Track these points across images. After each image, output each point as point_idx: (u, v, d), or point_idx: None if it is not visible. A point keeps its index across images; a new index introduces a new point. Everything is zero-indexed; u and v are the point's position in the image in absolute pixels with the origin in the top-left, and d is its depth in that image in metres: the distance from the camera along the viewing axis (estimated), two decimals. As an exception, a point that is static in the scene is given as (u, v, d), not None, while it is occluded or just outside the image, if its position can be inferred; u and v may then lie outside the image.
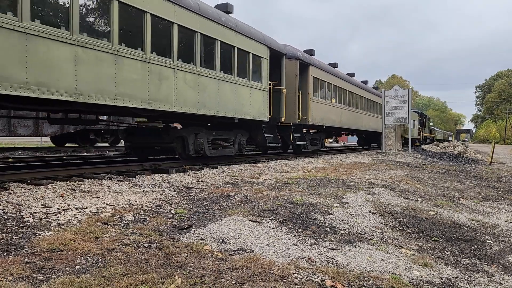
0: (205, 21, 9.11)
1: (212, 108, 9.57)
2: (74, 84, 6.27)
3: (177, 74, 8.45)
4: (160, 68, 7.99)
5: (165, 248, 3.21)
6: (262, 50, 11.60)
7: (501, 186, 9.55)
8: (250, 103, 11.10)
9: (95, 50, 6.57)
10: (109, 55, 6.84)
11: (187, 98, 8.75)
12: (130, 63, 7.30)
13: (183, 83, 8.61)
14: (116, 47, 6.98)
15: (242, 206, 5.04)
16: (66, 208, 4.48)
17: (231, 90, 10.30)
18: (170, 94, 8.26)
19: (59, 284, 2.42)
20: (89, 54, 6.45)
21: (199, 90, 9.10)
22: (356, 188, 6.84)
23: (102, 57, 6.70)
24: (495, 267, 3.68)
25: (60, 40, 6.03)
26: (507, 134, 79.32)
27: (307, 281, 2.78)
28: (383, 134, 21.20)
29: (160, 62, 7.97)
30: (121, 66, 7.10)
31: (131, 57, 7.30)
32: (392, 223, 4.78)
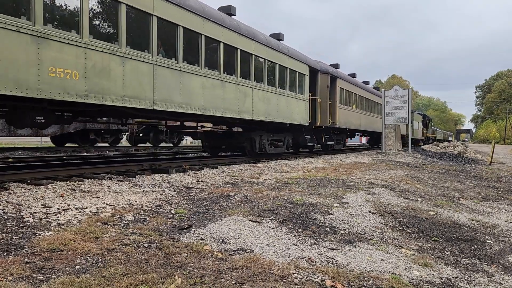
0: (269, 50, 12.24)
1: (274, 116, 12.51)
2: (202, 103, 9.34)
3: (254, 91, 11.44)
4: (245, 88, 10.99)
5: (165, 248, 3.21)
6: (304, 68, 14.59)
7: (501, 186, 9.55)
8: (297, 111, 14.01)
9: (212, 79, 9.63)
10: (219, 81, 9.90)
11: (259, 109, 11.73)
12: (229, 85, 10.33)
13: (257, 98, 11.60)
14: (223, 75, 10.01)
15: (242, 206, 5.04)
16: (66, 208, 4.48)
17: (285, 102, 13.25)
18: (249, 107, 11.23)
19: (59, 284, 2.42)
20: (209, 81, 9.53)
21: (266, 103, 12.12)
22: (356, 188, 6.84)
23: (215, 83, 9.79)
24: (495, 267, 3.68)
25: (195, 73, 9.05)
26: (507, 134, 79.31)
27: (307, 281, 2.78)
28: (383, 134, 21.21)
29: (244, 84, 10.94)
30: (225, 88, 10.14)
31: (229, 82, 10.34)
32: (392, 223, 4.78)
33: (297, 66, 13.90)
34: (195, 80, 9.00)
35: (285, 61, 13.10)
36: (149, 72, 7.78)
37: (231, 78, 10.34)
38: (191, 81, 8.89)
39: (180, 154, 15.46)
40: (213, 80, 9.63)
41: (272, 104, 12.41)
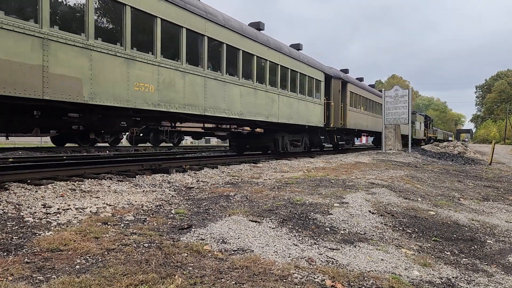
0: (292, 60, 13.75)
1: (295, 119, 13.99)
2: (240, 108, 10.81)
3: (279, 97, 12.96)
4: (272, 95, 12.54)
5: (165, 248, 3.21)
6: (320, 75, 16.13)
7: (501, 186, 9.55)
8: (314, 114, 15.52)
9: (247, 88, 11.18)
10: (252, 89, 11.46)
11: (284, 113, 13.25)
12: (260, 93, 11.84)
13: (282, 104, 13.13)
14: (255, 84, 11.60)
15: (242, 206, 5.04)
16: (66, 208, 4.48)
17: (304, 106, 14.76)
18: (276, 111, 12.76)
19: (59, 284, 2.42)
20: (245, 90, 11.08)
21: (289, 107, 13.63)
22: (356, 188, 6.84)
23: (250, 91, 11.32)
24: (495, 267, 3.68)
25: (235, 83, 10.61)
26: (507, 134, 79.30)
27: (307, 281, 2.78)
28: (383, 134, 21.22)
29: (272, 91, 12.50)
30: (257, 95, 11.66)
31: (260, 89, 11.84)
32: (392, 223, 4.78)
33: (314, 73, 15.54)
34: (235, 89, 10.65)
35: (304, 69, 14.71)
36: (201, 83, 9.33)
37: (261, 86, 11.98)
38: (232, 90, 10.53)
39: (180, 154, 15.48)
40: (248, 88, 11.29)
41: (294, 108, 13.96)
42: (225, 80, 10.15)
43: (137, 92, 7.47)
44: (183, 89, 8.70)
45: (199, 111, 9.19)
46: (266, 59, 12.08)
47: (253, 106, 11.45)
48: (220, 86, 9.93)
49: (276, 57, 12.67)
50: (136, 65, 7.44)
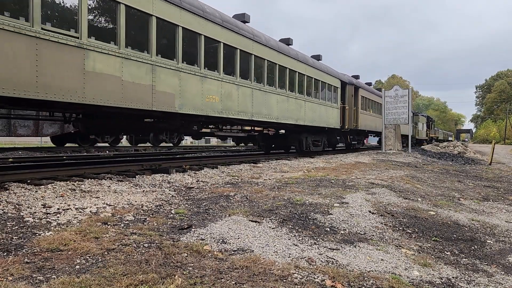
0: (315, 70, 15.92)
1: (317, 122, 16.05)
2: (276, 114, 12.92)
3: (306, 103, 15.05)
4: (300, 101, 14.57)
5: (165, 248, 3.21)
6: (337, 82, 18.23)
7: (501, 186, 9.55)
8: (332, 117, 17.52)
9: (282, 96, 13.23)
10: (285, 97, 13.52)
11: (309, 116, 15.27)
12: (291, 100, 13.89)
13: (307, 108, 15.19)
14: (288, 92, 13.62)
15: (242, 206, 5.04)
16: (66, 208, 4.48)
17: (324, 110, 16.81)
18: (303, 115, 14.83)
19: (59, 284, 2.42)
20: (280, 98, 13.11)
21: (312, 112, 15.66)
22: (356, 188, 6.84)
23: (284, 98, 13.38)
24: (495, 267, 3.68)
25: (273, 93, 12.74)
26: (507, 134, 79.30)
27: (307, 281, 2.78)
28: (383, 134, 21.22)
29: (300, 98, 14.54)
30: (289, 102, 13.74)
31: (291, 97, 13.88)
32: (392, 223, 4.78)
33: (332, 81, 17.65)
34: (273, 97, 12.77)
35: (325, 78, 16.85)
36: (249, 94, 11.37)
37: (292, 94, 13.98)
38: (271, 98, 12.64)
39: (180, 154, 15.49)
40: (282, 96, 13.36)
41: (316, 112, 15.99)
42: (266, 90, 12.31)
43: (207, 103, 9.59)
44: (237, 99, 10.86)
45: (248, 116, 11.31)
46: (295, 71, 14.17)
47: (286, 111, 13.51)
48: (262, 95, 12.10)
49: (303, 68, 14.81)
50: (207, 81, 9.55)
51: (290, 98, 13.81)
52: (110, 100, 6.88)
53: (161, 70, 8.01)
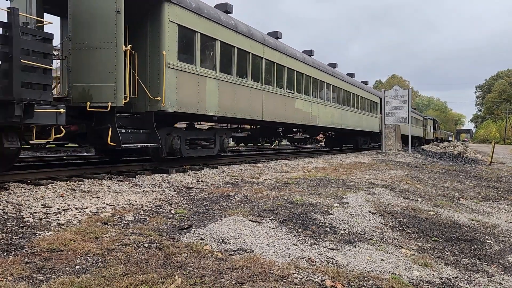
0: (367, 92, 22.62)
1: (366, 127, 22.30)
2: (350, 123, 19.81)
3: (362, 115, 21.63)
4: (340, 110, 18.48)
5: (165, 248, 3.21)
6: (377, 99, 24.82)
7: (501, 186, 9.55)
8: (375, 124, 24.14)
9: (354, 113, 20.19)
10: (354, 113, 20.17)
11: (363, 124, 21.76)
12: (356, 114, 20.49)
13: (364, 119, 21.74)
14: (326, 102, 16.79)
15: (242, 206, 5.04)
16: (66, 208, 4.48)
17: (371, 119, 23.65)
18: (360, 123, 21.24)
19: (59, 284, 2.42)
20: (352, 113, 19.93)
21: (366, 121, 22.15)
22: (356, 188, 6.84)
23: (353, 114, 19.95)
24: (495, 267, 3.68)
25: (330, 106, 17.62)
26: (507, 134, 79.30)
27: (307, 281, 2.78)
28: (383, 134, 21.23)
29: (341, 108, 18.46)
30: (356, 115, 20.43)
31: (332, 106, 17.40)
32: (392, 223, 4.78)
33: (374, 98, 24.45)
34: (349, 113, 19.53)
35: (371, 97, 23.70)
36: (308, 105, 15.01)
37: (356, 110, 20.82)
38: (349, 114, 19.50)
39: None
40: (354, 113, 20.21)
41: (367, 121, 22.56)
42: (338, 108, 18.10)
43: (295, 114, 13.66)
44: (310, 111, 15.07)
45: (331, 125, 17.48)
46: (358, 95, 21.01)
47: (329, 118, 17.19)
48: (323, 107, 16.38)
49: (361, 92, 21.65)
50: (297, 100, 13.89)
51: (329, 107, 17.55)
52: None
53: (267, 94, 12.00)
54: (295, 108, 13.73)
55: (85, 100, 6.81)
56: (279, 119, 12.56)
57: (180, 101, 8.26)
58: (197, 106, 8.79)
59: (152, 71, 7.92)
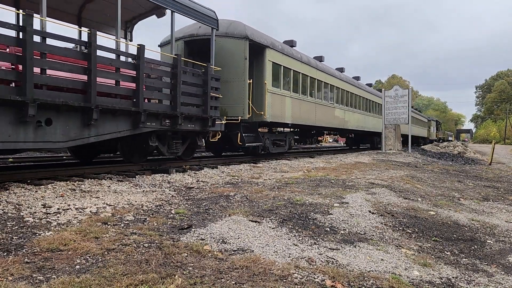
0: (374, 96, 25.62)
1: (380, 129, 23.79)
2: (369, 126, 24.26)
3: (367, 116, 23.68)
4: (364, 115, 22.50)
5: (165, 248, 3.21)
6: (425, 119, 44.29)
7: (501, 186, 9.55)
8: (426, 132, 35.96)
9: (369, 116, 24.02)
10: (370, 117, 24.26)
11: (369, 125, 23.78)
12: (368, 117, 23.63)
13: (370, 119, 24.05)
14: (354, 109, 20.76)
15: (242, 206, 5.04)
16: (66, 208, 4.48)
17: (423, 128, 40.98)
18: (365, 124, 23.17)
19: (59, 284, 2.42)
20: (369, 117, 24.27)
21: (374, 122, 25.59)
22: (356, 188, 6.84)
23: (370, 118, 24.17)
24: (495, 267, 3.68)
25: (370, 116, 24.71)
26: (507, 134, 79.29)
27: (307, 281, 2.78)
28: (383, 134, 21.23)
29: (364, 113, 22.52)
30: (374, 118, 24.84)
31: (357, 113, 21.45)
32: (392, 223, 4.78)
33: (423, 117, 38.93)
34: (370, 118, 23.84)
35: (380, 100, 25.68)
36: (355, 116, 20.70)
37: (374, 115, 24.77)
38: (368, 118, 23.22)
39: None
40: (370, 117, 23.74)
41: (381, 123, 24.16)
42: (369, 115, 23.31)
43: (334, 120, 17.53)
44: (344, 117, 18.81)
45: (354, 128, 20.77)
46: (375, 102, 24.75)
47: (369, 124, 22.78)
48: (369, 118, 22.91)
49: (376, 98, 24.93)
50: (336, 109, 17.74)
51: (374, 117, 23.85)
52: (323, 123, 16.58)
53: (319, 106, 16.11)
54: (334, 115, 17.69)
55: (224, 115, 10.60)
56: (325, 124, 16.59)
57: (273, 114, 12.18)
58: (281, 117, 12.81)
59: (257, 94, 11.65)
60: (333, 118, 17.39)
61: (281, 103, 12.72)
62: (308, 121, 14.91)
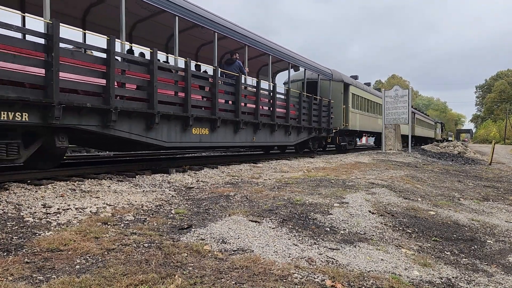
0: None
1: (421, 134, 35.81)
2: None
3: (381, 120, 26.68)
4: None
5: (165, 248, 3.21)
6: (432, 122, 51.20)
7: (501, 186, 9.55)
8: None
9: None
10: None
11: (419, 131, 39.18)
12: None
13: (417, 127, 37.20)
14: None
15: (242, 206, 5.04)
16: (66, 208, 4.48)
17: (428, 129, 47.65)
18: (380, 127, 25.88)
19: (59, 284, 2.42)
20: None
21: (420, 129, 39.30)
22: (356, 188, 6.84)
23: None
24: (495, 267, 3.68)
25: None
26: (507, 134, 79.28)
27: (307, 281, 2.78)
28: (383, 134, 21.24)
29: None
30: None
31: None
32: (392, 223, 4.78)
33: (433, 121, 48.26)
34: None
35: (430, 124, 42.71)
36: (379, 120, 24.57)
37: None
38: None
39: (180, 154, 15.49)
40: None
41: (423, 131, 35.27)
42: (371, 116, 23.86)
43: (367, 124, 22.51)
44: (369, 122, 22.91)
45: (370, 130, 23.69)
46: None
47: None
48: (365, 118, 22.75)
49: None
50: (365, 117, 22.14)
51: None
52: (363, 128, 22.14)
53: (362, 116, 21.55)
54: (377, 123, 24.41)
55: None
56: (371, 129, 23.77)
57: (352, 125, 19.63)
58: (354, 126, 20.17)
59: (346, 113, 19.18)
60: (375, 125, 24.31)
61: (355, 118, 20.16)
62: (365, 128, 22.41)
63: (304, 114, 14.59)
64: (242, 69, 11.03)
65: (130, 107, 7.33)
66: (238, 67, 10.92)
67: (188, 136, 9.02)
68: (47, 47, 5.86)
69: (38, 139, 6.26)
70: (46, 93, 5.84)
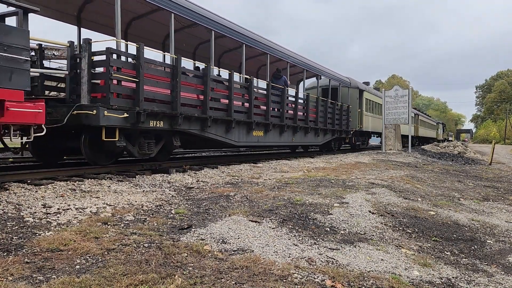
0: None
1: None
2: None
3: None
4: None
5: (165, 248, 3.21)
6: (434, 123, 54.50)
7: (501, 186, 9.55)
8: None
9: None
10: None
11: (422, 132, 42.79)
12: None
13: None
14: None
15: (242, 206, 5.04)
16: (66, 208, 4.48)
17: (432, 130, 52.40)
18: None
19: (59, 284, 2.42)
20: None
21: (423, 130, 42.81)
22: (356, 188, 6.84)
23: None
24: (495, 267, 3.68)
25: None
26: (507, 134, 79.28)
27: (307, 281, 2.78)
28: (383, 134, 21.25)
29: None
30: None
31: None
32: (392, 223, 4.78)
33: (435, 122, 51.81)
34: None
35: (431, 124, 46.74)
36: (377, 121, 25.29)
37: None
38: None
39: (180, 154, 15.49)
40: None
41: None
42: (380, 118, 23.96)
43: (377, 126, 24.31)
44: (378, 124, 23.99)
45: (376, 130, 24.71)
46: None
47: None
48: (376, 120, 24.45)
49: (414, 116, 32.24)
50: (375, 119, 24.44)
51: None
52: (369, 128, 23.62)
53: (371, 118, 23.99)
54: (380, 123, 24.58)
55: None
56: (379, 130, 24.46)
57: (365, 126, 22.29)
58: (367, 127, 22.62)
59: (361, 116, 21.75)
60: (380, 125, 24.80)
61: (368, 120, 22.76)
62: (375, 129, 24.43)
63: (329, 118, 17.25)
64: (287, 83, 13.66)
65: (218, 116, 9.99)
66: (284, 81, 13.45)
67: (251, 137, 11.57)
68: (173, 74, 8.47)
69: (162, 140, 8.83)
70: (172, 107, 8.47)
